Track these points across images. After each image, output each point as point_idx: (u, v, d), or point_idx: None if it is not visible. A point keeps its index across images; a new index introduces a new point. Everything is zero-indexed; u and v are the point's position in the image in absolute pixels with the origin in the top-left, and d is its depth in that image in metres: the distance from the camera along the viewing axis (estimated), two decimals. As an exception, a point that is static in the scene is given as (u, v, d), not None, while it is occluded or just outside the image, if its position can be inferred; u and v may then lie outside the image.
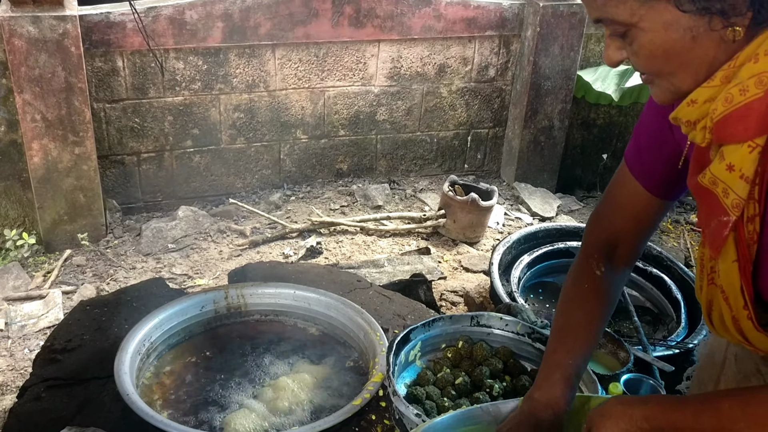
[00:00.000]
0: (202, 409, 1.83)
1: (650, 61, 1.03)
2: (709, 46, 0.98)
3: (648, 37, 1.00)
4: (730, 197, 1.01)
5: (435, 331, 1.96)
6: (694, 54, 0.99)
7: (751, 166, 0.97)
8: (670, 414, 1.06)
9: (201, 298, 2.16)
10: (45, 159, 3.57)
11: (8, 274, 3.58)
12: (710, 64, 1.00)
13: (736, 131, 0.97)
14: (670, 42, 0.99)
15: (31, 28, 3.34)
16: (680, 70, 1.02)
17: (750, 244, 1.04)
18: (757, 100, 0.93)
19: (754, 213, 1.01)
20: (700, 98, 1.01)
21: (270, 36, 3.93)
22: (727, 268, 1.07)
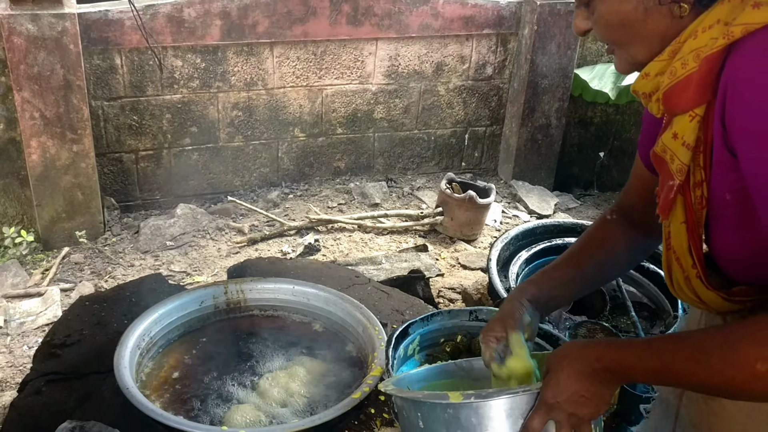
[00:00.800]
0: (202, 403, 1.84)
1: (608, 30, 1.13)
2: (660, 19, 1.07)
3: (606, 7, 1.10)
4: (675, 163, 1.10)
5: (434, 326, 1.97)
6: (646, 26, 1.08)
7: (692, 134, 1.06)
8: (618, 353, 1.11)
9: (200, 293, 2.17)
10: (43, 156, 3.58)
11: (7, 272, 3.58)
12: (662, 37, 1.08)
13: (679, 102, 1.05)
14: (624, 12, 1.08)
15: (30, 25, 3.35)
16: (635, 40, 1.11)
17: (698, 209, 1.11)
18: (695, 72, 1.02)
19: (701, 179, 1.08)
20: (652, 71, 1.10)
21: (268, 34, 3.94)
22: (677, 229, 1.15)
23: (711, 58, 0.99)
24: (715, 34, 0.99)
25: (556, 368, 1.15)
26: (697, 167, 1.08)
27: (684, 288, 1.19)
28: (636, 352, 1.09)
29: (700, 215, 1.11)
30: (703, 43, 1.01)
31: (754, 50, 0.95)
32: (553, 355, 1.19)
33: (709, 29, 1.01)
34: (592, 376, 1.11)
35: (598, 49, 4.58)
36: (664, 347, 1.06)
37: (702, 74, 1.01)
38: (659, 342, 1.10)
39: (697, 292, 1.17)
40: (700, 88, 1.02)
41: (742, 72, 0.96)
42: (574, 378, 1.12)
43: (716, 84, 1.01)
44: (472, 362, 1.47)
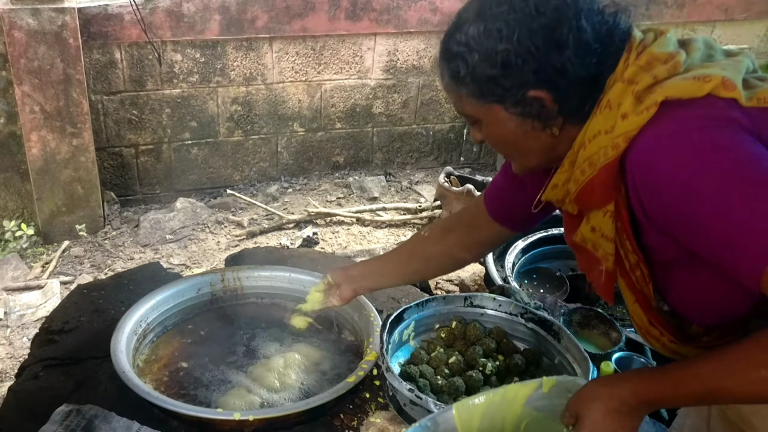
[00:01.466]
0: (198, 387, 1.85)
1: (496, 146, 1.31)
2: (539, 138, 1.22)
3: (490, 129, 1.26)
4: (599, 251, 1.22)
5: (429, 311, 1.98)
6: (528, 144, 1.24)
7: (608, 228, 1.18)
8: (654, 386, 1.12)
9: (198, 280, 2.18)
10: (43, 150, 3.60)
11: (7, 265, 3.60)
12: (546, 150, 1.24)
13: (590, 202, 1.18)
14: (506, 133, 1.24)
15: (30, 20, 3.37)
16: (522, 154, 1.28)
17: (644, 286, 1.21)
18: (594, 177, 1.14)
19: (635, 261, 1.18)
20: (559, 182, 1.24)
21: (267, 29, 3.96)
22: (632, 309, 1.25)
23: (608, 166, 1.11)
24: (602, 144, 1.11)
25: (588, 413, 1.16)
26: (628, 252, 1.18)
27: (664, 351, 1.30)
28: (674, 381, 1.10)
29: (647, 291, 1.21)
30: (593, 151, 1.13)
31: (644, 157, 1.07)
32: (579, 399, 1.20)
33: (594, 139, 1.13)
34: (629, 413, 1.13)
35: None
36: (702, 370, 1.07)
37: (601, 179, 1.13)
38: (695, 366, 1.10)
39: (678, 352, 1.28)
40: (605, 190, 1.14)
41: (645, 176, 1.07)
42: (610, 419, 1.13)
43: (619, 183, 1.13)
44: (437, 419, 1.44)
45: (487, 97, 1.20)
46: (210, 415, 1.67)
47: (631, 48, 1.15)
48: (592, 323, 2.11)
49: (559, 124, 1.19)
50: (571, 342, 1.82)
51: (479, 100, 1.21)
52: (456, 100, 1.26)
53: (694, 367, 1.09)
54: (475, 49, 1.17)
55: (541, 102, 1.16)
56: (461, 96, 1.23)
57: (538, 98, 1.16)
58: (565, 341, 1.84)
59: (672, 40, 1.15)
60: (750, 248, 0.97)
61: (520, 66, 1.13)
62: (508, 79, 1.16)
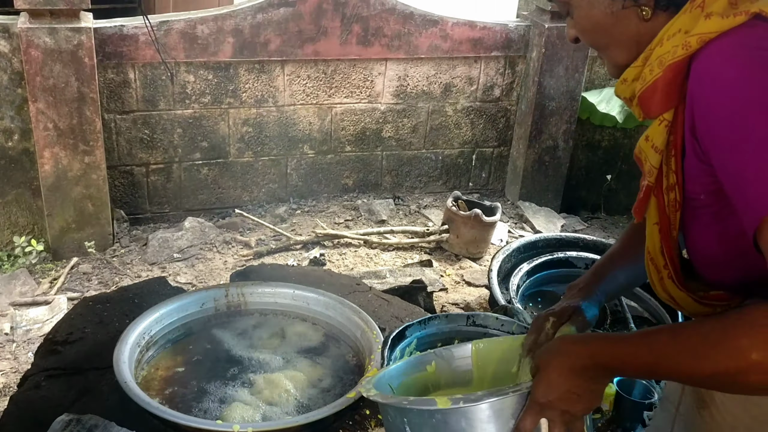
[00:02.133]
0: (199, 400, 1.86)
1: (585, 35, 1.19)
2: (628, 23, 1.12)
3: (579, 13, 1.16)
4: (646, 165, 1.14)
5: (431, 330, 1.99)
6: (617, 29, 1.13)
7: (660, 138, 1.09)
8: (611, 349, 1.11)
9: (202, 295, 2.19)
10: (55, 167, 3.64)
11: (16, 280, 3.63)
12: (635, 40, 1.13)
13: (650, 107, 1.09)
14: (595, 17, 1.14)
15: (47, 39, 3.43)
16: (611, 44, 1.16)
17: (671, 211, 1.13)
18: (659, 79, 1.05)
19: (673, 182, 1.10)
20: (629, 77, 1.14)
21: (279, 52, 4.01)
22: (651, 230, 1.17)
23: (673, 66, 1.03)
24: (676, 42, 1.03)
25: (546, 366, 1.14)
26: (670, 171, 1.11)
27: (658, 288, 1.21)
28: (630, 347, 1.09)
29: (674, 218, 1.13)
30: (666, 50, 1.05)
31: (709, 61, 0.99)
32: (542, 353, 1.18)
33: (672, 37, 1.05)
34: (584, 373, 1.11)
35: (606, 73, 4.60)
36: (658, 340, 1.06)
37: (666, 81, 1.05)
38: (653, 335, 1.09)
39: (670, 292, 1.19)
40: (665, 95, 1.06)
41: (702, 83, 1.00)
42: (565, 376, 1.12)
43: (682, 90, 1.05)
44: (452, 350, 1.47)
45: None
46: (209, 426, 1.67)
47: None
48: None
49: (651, 3, 1.09)
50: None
51: None
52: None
53: (652, 335, 1.08)
54: None
55: None
56: None
57: None
58: (567, 361, 1.83)
59: None
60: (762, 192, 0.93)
61: None
62: None
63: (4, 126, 3.65)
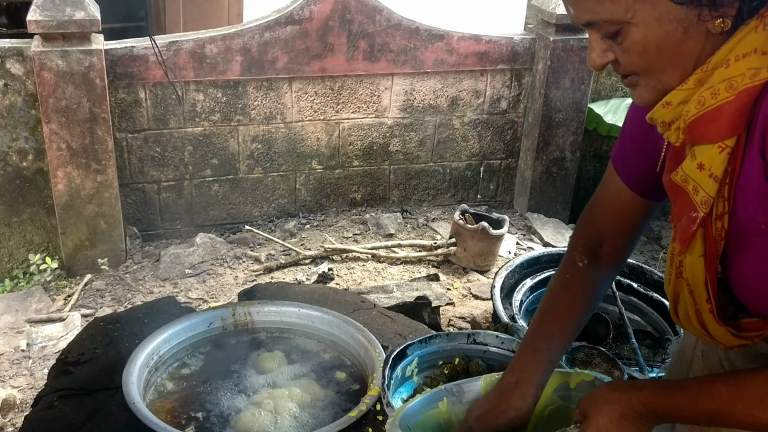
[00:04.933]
0: (206, 420, 1.90)
1: (642, 57, 1.04)
2: (698, 38, 1.01)
3: (641, 32, 1.01)
4: (699, 194, 1.05)
5: (432, 348, 2.01)
6: (684, 47, 1.02)
7: (721, 166, 1.01)
8: (666, 398, 1.09)
9: (209, 314, 2.24)
10: (69, 186, 3.72)
11: (31, 297, 3.71)
12: (696, 59, 1.03)
13: (707, 132, 1.01)
14: (663, 35, 1.01)
15: (59, 61, 3.51)
16: (670, 65, 1.04)
17: (717, 240, 1.08)
18: (728, 103, 0.97)
19: (723, 211, 1.05)
20: (674, 100, 1.05)
21: (287, 70, 4.07)
22: (694, 262, 1.11)
23: (750, 90, 0.96)
24: (754, 64, 0.95)
25: (595, 413, 1.13)
26: (721, 198, 1.05)
27: (693, 320, 1.17)
28: (688, 397, 1.08)
29: (719, 247, 1.08)
30: (738, 72, 0.97)
31: None
32: (591, 399, 1.17)
33: (744, 58, 0.96)
34: (635, 420, 1.11)
35: (612, 84, 4.64)
36: (720, 390, 1.05)
37: (738, 106, 0.97)
38: (713, 385, 1.07)
39: (706, 326, 1.15)
40: (734, 120, 0.98)
41: None
42: (615, 423, 1.11)
43: (750, 116, 0.98)
44: (462, 386, 1.47)
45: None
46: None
47: None
48: (595, 362, 2.13)
49: (732, 12, 0.98)
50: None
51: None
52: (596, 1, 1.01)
53: (711, 386, 1.07)
54: None
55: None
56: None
57: None
58: (566, 379, 1.86)
59: None
60: None
61: None
62: None
63: (18, 147, 3.73)
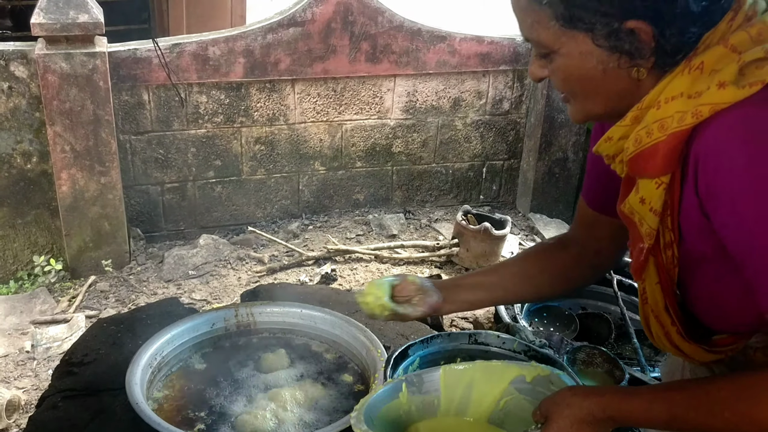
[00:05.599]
0: (208, 420, 1.91)
1: (565, 83, 1.15)
2: (618, 80, 1.09)
3: (566, 62, 1.11)
4: (644, 226, 1.13)
5: (433, 348, 2.02)
6: (604, 84, 1.10)
7: (659, 201, 1.08)
8: (624, 404, 1.13)
9: (212, 315, 2.25)
10: (73, 188, 3.73)
11: (36, 299, 3.73)
12: (619, 95, 1.11)
13: (645, 168, 1.08)
14: (584, 69, 1.09)
15: (63, 64, 3.53)
16: (591, 95, 1.14)
17: (670, 268, 1.15)
18: (661, 142, 1.04)
19: (670, 240, 1.12)
20: (615, 136, 1.12)
21: (290, 71, 4.09)
22: (652, 289, 1.18)
23: (679, 133, 1.02)
24: (679, 107, 1.01)
25: (556, 416, 1.18)
26: (666, 229, 1.11)
27: (665, 343, 1.22)
28: (643, 403, 1.11)
29: (673, 274, 1.15)
30: (668, 114, 1.02)
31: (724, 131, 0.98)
32: (552, 402, 1.21)
33: (672, 101, 1.02)
34: (594, 424, 1.15)
35: (615, 84, 4.65)
36: (674, 397, 1.09)
37: (670, 147, 1.03)
38: (668, 392, 1.11)
39: (678, 346, 1.20)
40: (667, 159, 1.04)
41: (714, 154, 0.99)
42: (576, 427, 1.15)
43: (683, 155, 1.04)
44: (422, 376, 1.51)
45: (575, 24, 1.05)
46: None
47: (740, 8, 1.02)
48: (597, 361, 2.13)
49: (648, 65, 1.06)
50: (572, 380, 1.85)
51: (564, 27, 1.07)
52: (532, 22, 1.10)
53: (667, 392, 1.11)
54: None
55: (637, 36, 1.03)
56: (542, 19, 1.08)
57: (636, 31, 1.02)
58: (567, 379, 1.87)
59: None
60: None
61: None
62: (610, 5, 1.01)
63: (23, 149, 3.75)
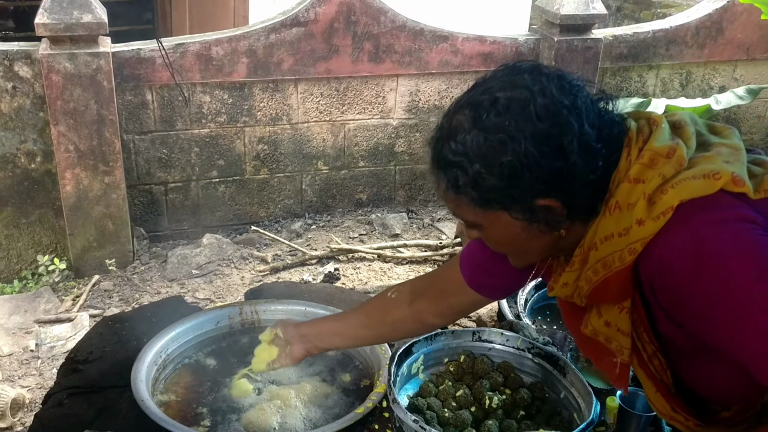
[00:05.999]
0: (214, 418, 1.92)
1: (497, 247, 1.30)
2: (542, 239, 1.22)
3: (492, 233, 1.25)
4: (613, 344, 1.23)
5: (437, 345, 2.03)
6: (531, 244, 1.24)
7: (625, 323, 1.19)
8: None
9: (217, 313, 2.26)
10: (77, 188, 3.75)
11: (40, 298, 3.74)
12: (551, 246, 1.24)
13: (605, 297, 1.19)
14: (509, 236, 1.23)
15: (67, 64, 3.54)
16: (523, 253, 1.29)
17: (662, 374, 1.24)
18: (610, 277, 1.15)
19: (653, 351, 1.21)
20: (569, 281, 1.24)
21: (293, 71, 4.10)
22: (654, 398, 1.27)
23: (622, 270, 1.13)
24: (614, 248, 1.12)
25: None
26: (645, 343, 1.21)
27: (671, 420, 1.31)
28: None
29: (666, 378, 1.24)
30: (607, 252, 1.14)
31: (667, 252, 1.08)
32: None
33: (606, 241, 1.14)
34: None
35: (617, 84, 4.65)
36: None
37: (620, 279, 1.14)
38: None
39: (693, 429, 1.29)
40: (621, 289, 1.15)
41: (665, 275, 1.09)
42: None
43: (634, 282, 1.14)
44: None
45: (491, 205, 1.17)
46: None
47: (631, 142, 1.15)
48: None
49: (566, 226, 1.18)
50: (576, 377, 1.86)
51: (482, 208, 1.18)
52: (455, 207, 1.22)
53: None
54: (475, 159, 1.12)
55: (549, 209, 1.15)
56: (461, 204, 1.20)
57: (546, 206, 1.14)
58: (571, 376, 1.88)
59: (666, 129, 1.16)
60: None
61: (528, 176, 1.10)
62: (515, 189, 1.13)
63: (27, 149, 3.76)
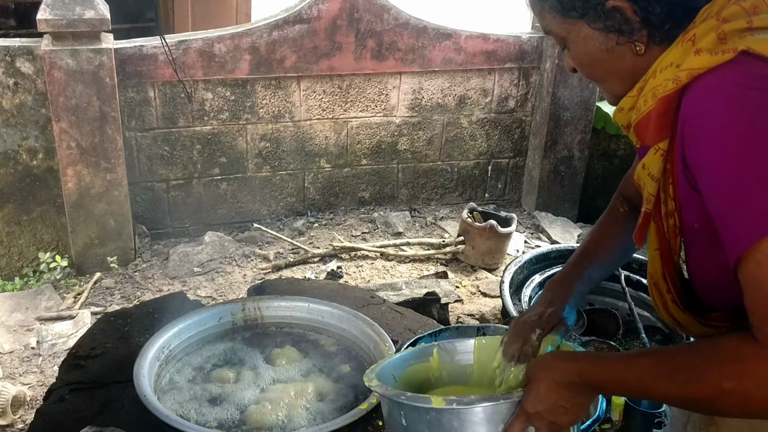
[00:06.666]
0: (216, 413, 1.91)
1: (582, 68, 1.22)
2: (623, 57, 1.15)
3: (576, 49, 1.19)
4: (644, 192, 1.18)
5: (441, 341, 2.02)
6: (613, 63, 1.16)
7: (656, 167, 1.13)
8: (597, 369, 1.15)
9: (219, 309, 2.24)
10: (78, 185, 3.73)
11: (41, 295, 3.72)
12: (631, 72, 1.16)
13: (645, 136, 1.13)
14: (591, 53, 1.17)
15: (69, 60, 3.53)
16: (607, 76, 1.20)
17: (672, 237, 1.18)
18: (652, 110, 1.09)
19: (672, 209, 1.15)
20: (625, 106, 1.17)
21: (295, 68, 4.08)
22: (652, 256, 1.21)
23: (665, 99, 1.07)
24: (667, 76, 1.07)
25: (536, 379, 1.19)
26: (668, 197, 1.15)
27: (663, 311, 1.25)
28: (615, 369, 1.14)
29: (674, 243, 1.18)
30: (659, 83, 1.08)
31: (697, 96, 1.03)
32: (533, 366, 1.24)
33: (664, 70, 1.08)
34: (571, 388, 1.16)
35: (620, 83, 4.64)
36: (642, 364, 1.11)
37: (659, 113, 1.08)
38: (638, 358, 1.14)
39: (674, 315, 1.24)
40: (659, 126, 1.10)
41: (691, 117, 1.04)
42: (554, 389, 1.17)
43: (675, 122, 1.08)
44: (455, 344, 1.53)
45: (569, 12, 1.16)
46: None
47: None
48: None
49: (644, 39, 1.13)
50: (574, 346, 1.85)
51: (562, 17, 1.17)
52: (541, 17, 1.22)
53: (637, 360, 1.13)
54: None
55: (622, 13, 1.11)
56: (544, 11, 1.20)
57: (618, 8, 1.11)
58: (576, 372, 1.86)
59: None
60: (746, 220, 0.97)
61: None
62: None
63: (28, 145, 3.75)
